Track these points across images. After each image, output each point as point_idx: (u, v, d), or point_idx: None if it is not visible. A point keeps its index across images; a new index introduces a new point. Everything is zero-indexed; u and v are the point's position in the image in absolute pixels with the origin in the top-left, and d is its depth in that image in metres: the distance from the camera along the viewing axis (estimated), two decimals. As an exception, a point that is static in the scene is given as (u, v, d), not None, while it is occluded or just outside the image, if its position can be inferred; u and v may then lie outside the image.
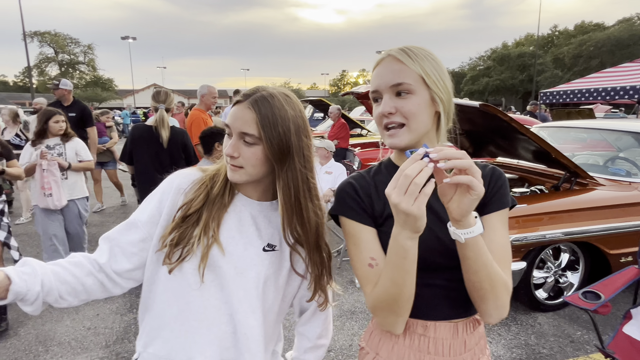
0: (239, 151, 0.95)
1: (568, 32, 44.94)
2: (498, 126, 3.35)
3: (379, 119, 0.96)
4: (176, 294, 0.98)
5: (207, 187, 1.01)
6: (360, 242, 0.95)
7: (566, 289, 3.40)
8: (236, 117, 0.95)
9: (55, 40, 45.01)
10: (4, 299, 0.82)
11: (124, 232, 1.00)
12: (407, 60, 0.92)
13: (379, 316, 0.92)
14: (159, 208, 1.00)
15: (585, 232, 3.13)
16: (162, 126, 3.36)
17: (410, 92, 0.91)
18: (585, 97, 8.44)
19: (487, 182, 0.98)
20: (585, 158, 4.40)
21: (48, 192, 3.53)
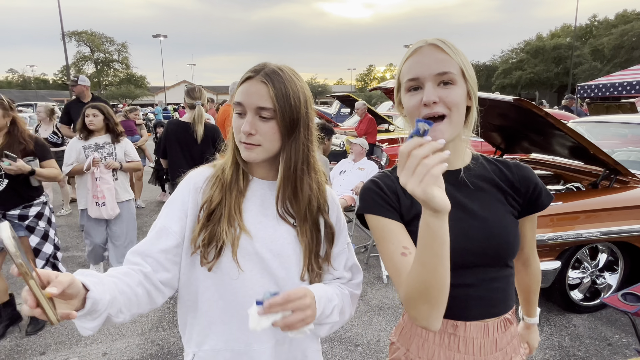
0: (255, 128, 0.93)
1: (608, 22, 42.66)
2: (532, 121, 3.24)
3: (416, 109, 0.90)
4: (219, 289, 0.98)
5: (220, 180, 1.00)
6: (390, 234, 0.93)
7: (604, 290, 3.28)
8: (250, 93, 0.92)
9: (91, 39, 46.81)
10: (81, 309, 0.73)
11: (155, 241, 0.95)
12: (450, 50, 0.90)
13: (412, 308, 0.84)
14: (184, 210, 0.98)
15: (626, 231, 3.00)
16: (200, 122, 3.44)
17: (453, 83, 0.89)
18: (627, 90, 8.04)
19: (526, 186, 1.01)
20: (627, 154, 4.19)
21: (101, 202, 3.41)
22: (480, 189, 0.98)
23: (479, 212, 0.95)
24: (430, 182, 0.67)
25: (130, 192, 3.73)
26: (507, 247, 0.95)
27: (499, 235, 0.94)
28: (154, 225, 0.99)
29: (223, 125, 4.40)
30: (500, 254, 0.95)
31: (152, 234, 0.97)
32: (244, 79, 0.95)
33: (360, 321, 3.14)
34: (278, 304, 0.79)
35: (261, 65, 0.96)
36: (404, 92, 0.94)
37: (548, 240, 2.87)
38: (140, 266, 0.92)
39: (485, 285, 0.96)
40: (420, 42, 0.93)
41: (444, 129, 0.88)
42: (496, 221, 0.95)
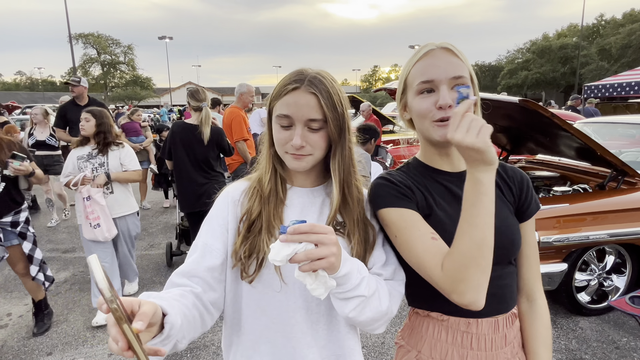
0: (305, 140, 0.91)
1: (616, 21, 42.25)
2: (538, 122, 3.22)
3: (429, 111, 0.92)
4: (261, 304, 0.94)
5: (258, 191, 0.97)
6: (414, 223, 0.91)
7: (611, 292, 3.24)
8: (300, 105, 0.89)
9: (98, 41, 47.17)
10: (160, 335, 0.68)
11: (200, 260, 0.91)
12: (461, 55, 0.92)
13: (463, 279, 0.81)
14: (224, 225, 0.95)
15: (633, 233, 2.97)
16: (207, 124, 3.46)
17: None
18: (635, 90, 7.95)
19: (520, 188, 1.03)
20: (635, 155, 4.15)
21: (95, 223, 3.06)
22: None
23: None
24: (487, 133, 0.75)
25: (131, 204, 3.35)
26: (512, 245, 0.98)
27: (505, 233, 0.96)
28: (194, 244, 0.96)
29: (230, 126, 4.40)
30: (506, 252, 0.97)
31: (195, 253, 0.93)
32: (288, 90, 0.90)
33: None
34: (302, 231, 0.73)
35: (301, 73, 0.92)
36: (414, 94, 0.95)
37: (554, 242, 2.84)
38: (190, 287, 0.88)
39: (494, 283, 0.94)
40: (431, 45, 0.94)
41: None
42: (501, 220, 0.96)
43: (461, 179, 0.97)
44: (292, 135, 0.91)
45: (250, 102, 4.79)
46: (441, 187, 0.99)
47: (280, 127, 0.92)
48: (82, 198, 3.06)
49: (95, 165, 3.15)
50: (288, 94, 0.90)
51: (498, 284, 0.97)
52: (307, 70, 0.92)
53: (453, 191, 0.99)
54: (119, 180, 3.21)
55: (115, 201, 3.23)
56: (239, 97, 4.66)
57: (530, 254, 1.05)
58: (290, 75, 0.93)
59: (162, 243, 5.03)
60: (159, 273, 4.15)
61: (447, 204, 0.97)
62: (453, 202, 0.98)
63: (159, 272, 4.18)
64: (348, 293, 0.84)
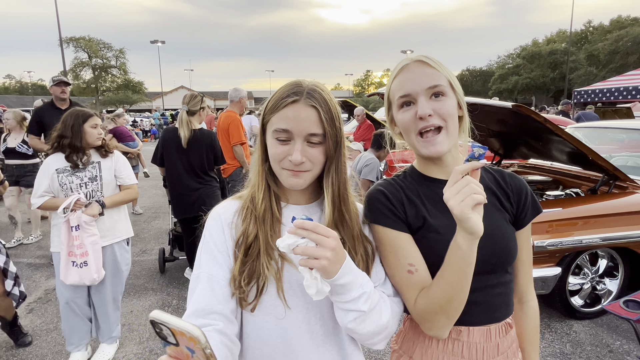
0: (305, 155, 0.87)
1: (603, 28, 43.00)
2: (531, 127, 3.25)
3: (412, 123, 0.94)
4: (262, 334, 0.89)
5: (252, 212, 0.92)
6: (397, 249, 0.95)
7: (604, 296, 3.27)
8: (300, 119, 0.85)
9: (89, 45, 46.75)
10: None
11: (211, 295, 0.84)
12: (436, 65, 0.94)
13: (430, 320, 0.90)
14: (225, 251, 0.89)
15: (626, 237, 3.00)
16: (181, 126, 3.45)
17: (444, 94, 0.93)
18: (623, 95, 8.08)
19: (518, 196, 1.03)
20: (624, 160, 4.20)
21: (81, 261, 2.36)
22: None
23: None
24: (470, 204, 0.75)
25: (122, 228, 2.65)
26: (507, 254, 0.98)
27: (500, 242, 0.96)
28: (196, 276, 0.88)
29: (227, 130, 4.38)
30: (501, 261, 0.97)
31: (201, 286, 0.85)
32: (287, 103, 0.86)
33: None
34: (305, 227, 0.76)
35: (299, 85, 0.88)
36: (397, 108, 0.97)
37: (548, 247, 2.86)
38: (211, 325, 0.81)
39: (487, 291, 0.98)
40: (406, 60, 0.97)
41: (442, 140, 0.93)
42: (496, 229, 0.97)
43: None
44: (290, 150, 0.87)
45: (245, 105, 4.79)
46: (435, 196, 1.00)
47: (278, 141, 0.88)
48: (68, 227, 2.37)
49: (84, 180, 2.45)
50: (287, 107, 0.86)
51: (492, 293, 0.98)
52: (304, 81, 0.90)
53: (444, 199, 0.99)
54: (117, 205, 2.57)
55: (105, 226, 2.52)
56: (238, 101, 4.65)
57: (525, 258, 1.06)
58: (286, 87, 0.89)
59: (154, 249, 4.98)
60: (152, 280, 4.10)
61: (441, 213, 0.97)
62: (445, 210, 0.97)
63: (151, 278, 4.13)
64: (347, 304, 0.83)
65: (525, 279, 1.08)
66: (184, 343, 0.53)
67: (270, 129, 0.90)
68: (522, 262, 1.07)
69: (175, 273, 4.23)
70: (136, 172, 6.45)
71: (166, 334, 0.54)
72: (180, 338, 0.53)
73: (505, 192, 1.03)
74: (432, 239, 0.95)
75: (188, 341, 0.53)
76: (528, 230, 1.06)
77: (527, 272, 1.08)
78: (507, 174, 1.07)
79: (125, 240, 2.67)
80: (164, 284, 3.99)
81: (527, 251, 1.06)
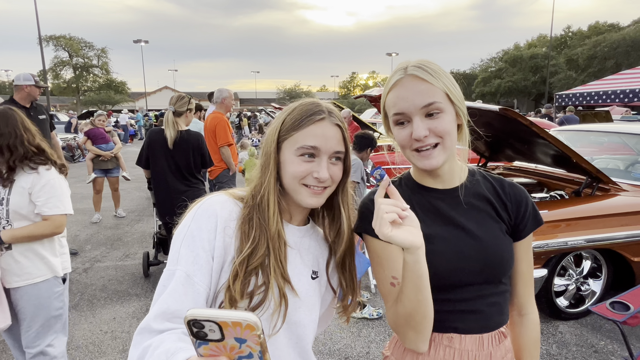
0: (329, 172, 0.89)
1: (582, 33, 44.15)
2: (517, 130, 3.29)
3: (407, 142, 0.92)
4: None
5: (259, 224, 0.87)
6: (383, 260, 0.96)
7: (588, 297, 3.32)
8: (328, 137, 0.88)
9: (70, 44, 45.69)
10: None
11: (183, 298, 0.77)
12: (430, 77, 0.89)
13: (399, 333, 0.94)
14: (210, 251, 0.83)
15: (609, 239, 3.05)
16: (167, 127, 3.40)
17: (440, 111, 0.90)
18: (603, 99, 8.29)
19: (517, 206, 1.00)
20: (605, 162, 4.30)
21: None
22: (476, 207, 0.99)
23: (475, 231, 0.96)
24: (385, 224, 0.77)
25: (48, 264, 1.98)
26: (502, 265, 0.96)
27: (494, 253, 0.95)
28: (172, 271, 0.80)
29: (214, 131, 4.32)
30: (495, 272, 0.96)
31: (175, 284, 0.78)
32: (314, 120, 0.88)
33: (349, 332, 3.10)
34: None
35: (319, 105, 0.91)
36: (392, 123, 0.96)
37: (535, 249, 2.89)
38: (181, 329, 0.75)
39: (481, 301, 0.97)
40: (400, 73, 0.93)
41: (438, 154, 0.92)
42: (491, 240, 0.96)
43: (450, 196, 1.01)
44: (315, 167, 0.88)
45: (232, 106, 4.73)
46: (428, 205, 1.00)
47: (301, 158, 0.88)
48: None
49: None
50: (314, 124, 0.87)
51: (485, 302, 0.97)
52: (320, 101, 0.93)
53: (439, 208, 1.00)
54: (19, 241, 1.89)
55: (14, 261, 1.89)
56: (222, 101, 4.57)
57: (525, 270, 1.04)
58: (306, 105, 0.91)
59: (138, 253, 4.86)
60: (135, 284, 4.00)
61: (432, 221, 0.97)
62: (437, 219, 0.99)
63: (135, 283, 4.03)
64: None
65: (525, 290, 1.05)
66: (233, 335, 0.50)
67: (291, 147, 0.88)
68: (521, 274, 1.04)
69: (159, 278, 4.14)
70: (116, 176, 6.28)
71: (208, 331, 0.50)
72: (229, 331, 0.50)
73: (503, 202, 1.01)
74: (428, 248, 0.93)
75: (242, 331, 0.50)
76: (528, 242, 1.03)
77: (527, 284, 1.05)
78: (507, 184, 1.04)
79: (54, 278, 1.99)
80: (148, 289, 3.90)
81: (527, 263, 1.04)
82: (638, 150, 4.30)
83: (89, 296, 3.73)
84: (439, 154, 0.92)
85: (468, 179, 1.02)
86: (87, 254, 4.81)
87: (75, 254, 4.76)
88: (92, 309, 3.48)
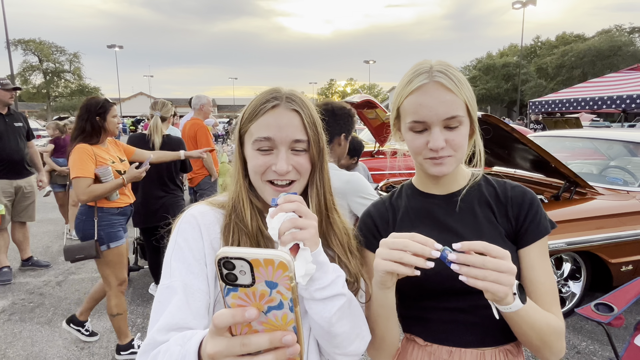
0: (290, 163, 0.82)
1: (550, 43, 46.07)
2: (497, 135, 3.35)
3: (423, 149, 0.91)
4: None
5: (239, 228, 0.84)
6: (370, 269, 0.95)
7: (568, 298, 3.40)
8: (283, 125, 0.80)
9: (40, 48, 44.30)
10: None
11: (185, 307, 0.74)
12: (455, 87, 0.87)
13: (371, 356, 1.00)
14: (202, 258, 0.80)
15: (588, 241, 3.14)
16: (156, 132, 3.36)
17: (460, 124, 0.89)
18: (574, 106, 8.62)
19: (518, 209, 0.96)
20: (579, 167, 4.44)
21: None
22: (474, 213, 0.97)
23: (470, 237, 0.93)
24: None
25: None
26: None
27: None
28: (168, 285, 0.76)
29: (195, 138, 4.29)
30: None
31: (179, 297, 0.74)
32: (266, 109, 0.81)
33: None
34: (294, 200, 0.74)
35: (277, 91, 0.84)
36: (407, 128, 0.93)
37: (518, 252, 2.93)
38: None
39: (478, 312, 0.92)
40: (424, 77, 0.88)
41: (450, 163, 0.91)
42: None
43: (447, 201, 1.00)
44: (273, 160, 0.81)
45: (210, 112, 4.69)
46: (424, 211, 1.00)
47: (259, 152, 0.82)
48: None
49: None
50: (267, 113, 0.81)
51: (483, 314, 0.90)
52: (282, 87, 0.86)
53: (434, 214, 0.99)
54: None
55: None
56: (200, 108, 4.54)
57: (538, 278, 0.91)
58: (263, 94, 0.84)
59: (115, 264, 4.68)
60: (113, 297, 3.83)
61: (425, 227, 0.97)
62: (431, 225, 0.98)
63: (112, 296, 3.86)
64: (326, 290, 0.75)
65: (541, 300, 0.90)
66: (264, 277, 0.47)
67: (249, 140, 0.83)
68: (534, 283, 0.91)
69: (138, 289, 3.99)
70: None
71: (239, 272, 0.47)
72: (261, 272, 0.47)
73: (504, 205, 0.97)
74: None
75: (273, 272, 0.46)
76: (539, 247, 0.93)
77: (544, 294, 0.90)
78: (510, 186, 1.00)
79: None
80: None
81: (542, 270, 0.92)
82: (609, 155, 4.47)
83: (64, 310, 3.55)
84: (451, 164, 0.91)
85: (469, 183, 1.00)
86: (60, 266, 4.60)
87: (47, 266, 4.55)
88: (66, 324, 3.31)
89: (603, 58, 34.82)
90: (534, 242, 0.93)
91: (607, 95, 7.98)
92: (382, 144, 7.53)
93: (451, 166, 0.92)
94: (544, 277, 0.92)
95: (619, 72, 9.43)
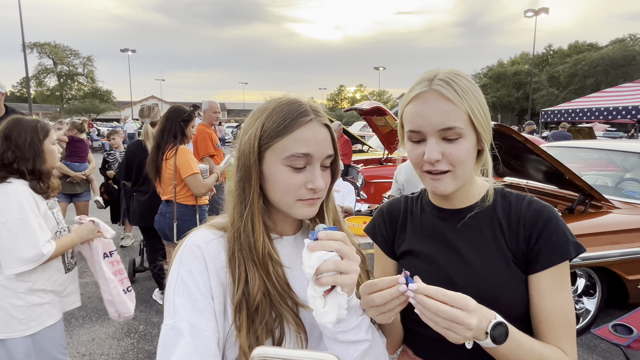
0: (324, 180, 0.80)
1: (562, 52, 45.62)
2: (510, 146, 3.27)
3: (419, 161, 0.86)
4: None
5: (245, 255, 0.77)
6: (376, 267, 1.05)
7: (582, 315, 3.28)
8: (320, 140, 0.76)
9: (54, 51, 45.06)
10: None
11: (192, 350, 0.68)
12: (455, 97, 0.81)
13: None
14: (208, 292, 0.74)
15: (603, 257, 3.03)
16: (147, 139, 3.39)
17: (460, 137, 0.82)
18: (587, 116, 8.47)
19: (530, 230, 0.85)
20: (593, 178, 4.32)
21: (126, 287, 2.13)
22: (482, 232, 0.90)
23: (471, 257, 0.88)
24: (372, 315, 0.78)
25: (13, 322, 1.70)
26: (498, 302, 0.80)
27: (488, 288, 0.84)
28: (172, 327, 0.70)
29: (195, 144, 4.32)
30: (490, 309, 0.78)
31: (185, 341, 0.68)
32: (302, 123, 0.75)
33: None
34: (337, 238, 0.68)
35: (302, 103, 0.78)
36: (406, 138, 0.90)
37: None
38: None
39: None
40: (423, 85, 0.84)
41: (448, 182, 0.85)
42: (488, 271, 0.85)
43: (456, 217, 0.93)
44: (308, 177, 0.77)
45: (214, 118, 4.73)
46: (431, 225, 0.96)
47: (291, 168, 0.76)
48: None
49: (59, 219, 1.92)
50: (302, 127, 0.75)
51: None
52: (301, 98, 0.80)
53: (438, 228, 0.94)
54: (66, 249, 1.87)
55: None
56: (203, 114, 4.68)
57: (548, 307, 0.81)
58: (288, 104, 0.77)
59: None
60: (116, 302, 3.81)
61: (425, 239, 0.95)
62: (432, 238, 0.94)
63: (116, 301, 3.84)
64: (350, 334, 0.72)
65: (550, 332, 0.81)
66: None
67: (277, 156, 0.76)
68: (543, 312, 0.82)
69: (142, 295, 3.95)
70: (85, 200, 5.07)
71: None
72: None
73: (515, 226, 0.87)
74: (414, 266, 0.93)
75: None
76: (551, 274, 0.82)
77: (553, 326, 0.81)
78: (527, 203, 0.88)
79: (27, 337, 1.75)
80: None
81: (554, 300, 0.81)
82: (624, 167, 4.34)
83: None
84: (448, 182, 0.85)
85: (484, 199, 0.92)
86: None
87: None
88: (69, 329, 3.29)
89: (617, 67, 34.36)
90: (547, 269, 0.82)
91: (622, 105, 7.83)
92: (392, 151, 7.47)
93: (449, 185, 0.85)
94: (555, 307, 0.82)
95: (634, 82, 9.26)
